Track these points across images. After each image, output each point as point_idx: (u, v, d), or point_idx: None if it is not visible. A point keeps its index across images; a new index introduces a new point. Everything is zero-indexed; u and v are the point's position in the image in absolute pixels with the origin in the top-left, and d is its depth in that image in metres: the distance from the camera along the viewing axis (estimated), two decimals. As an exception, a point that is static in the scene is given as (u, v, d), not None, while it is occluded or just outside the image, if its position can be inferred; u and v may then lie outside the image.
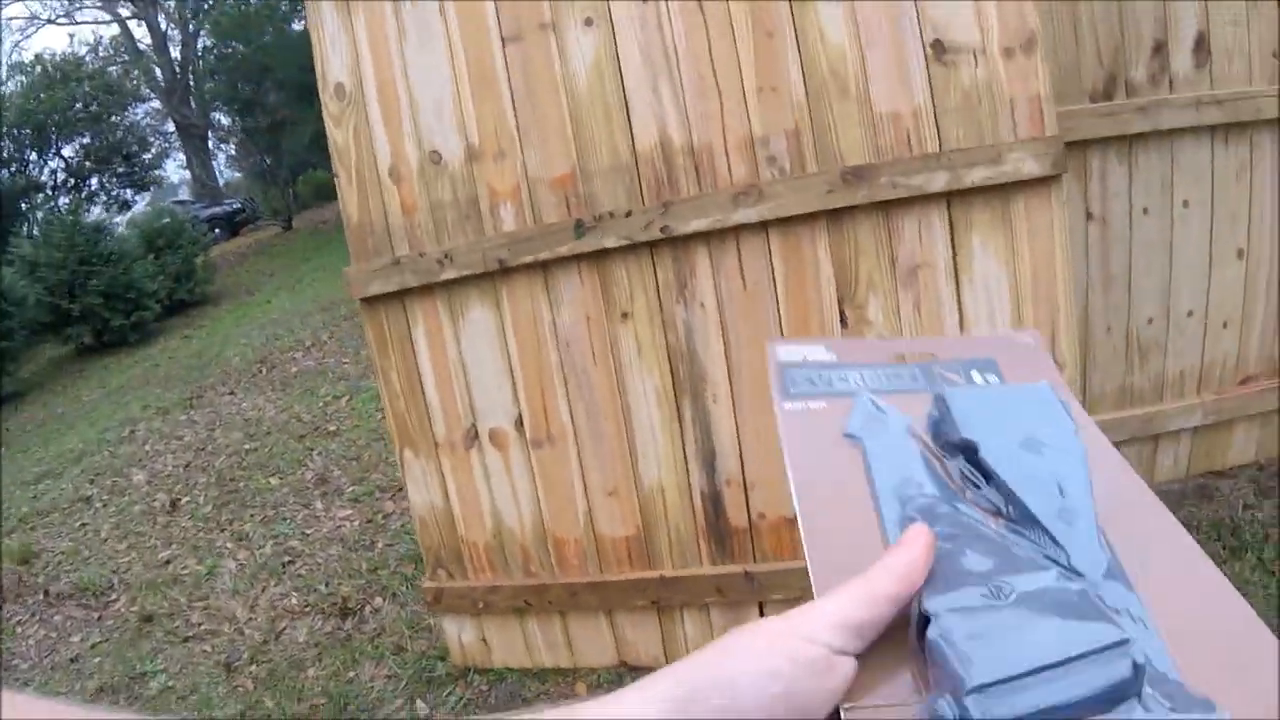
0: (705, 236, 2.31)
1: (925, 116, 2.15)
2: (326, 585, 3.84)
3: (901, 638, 0.42)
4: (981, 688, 0.36)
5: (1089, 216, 2.95)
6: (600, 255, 2.36)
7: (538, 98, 2.38)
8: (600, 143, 2.34)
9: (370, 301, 2.60)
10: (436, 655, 3.09)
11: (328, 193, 20.11)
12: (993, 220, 2.18)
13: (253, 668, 3.41)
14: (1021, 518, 0.47)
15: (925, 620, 0.41)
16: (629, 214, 2.30)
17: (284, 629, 3.65)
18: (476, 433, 2.60)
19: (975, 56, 2.11)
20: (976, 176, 2.12)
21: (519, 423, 2.55)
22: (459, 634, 2.89)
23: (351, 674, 3.16)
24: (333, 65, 2.59)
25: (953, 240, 2.20)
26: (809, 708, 0.38)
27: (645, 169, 2.32)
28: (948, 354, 0.62)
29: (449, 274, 2.46)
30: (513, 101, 2.40)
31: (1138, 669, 0.38)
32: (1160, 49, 2.87)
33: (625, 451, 2.49)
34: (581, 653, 2.77)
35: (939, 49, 2.12)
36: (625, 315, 2.43)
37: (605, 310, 2.42)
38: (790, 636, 0.40)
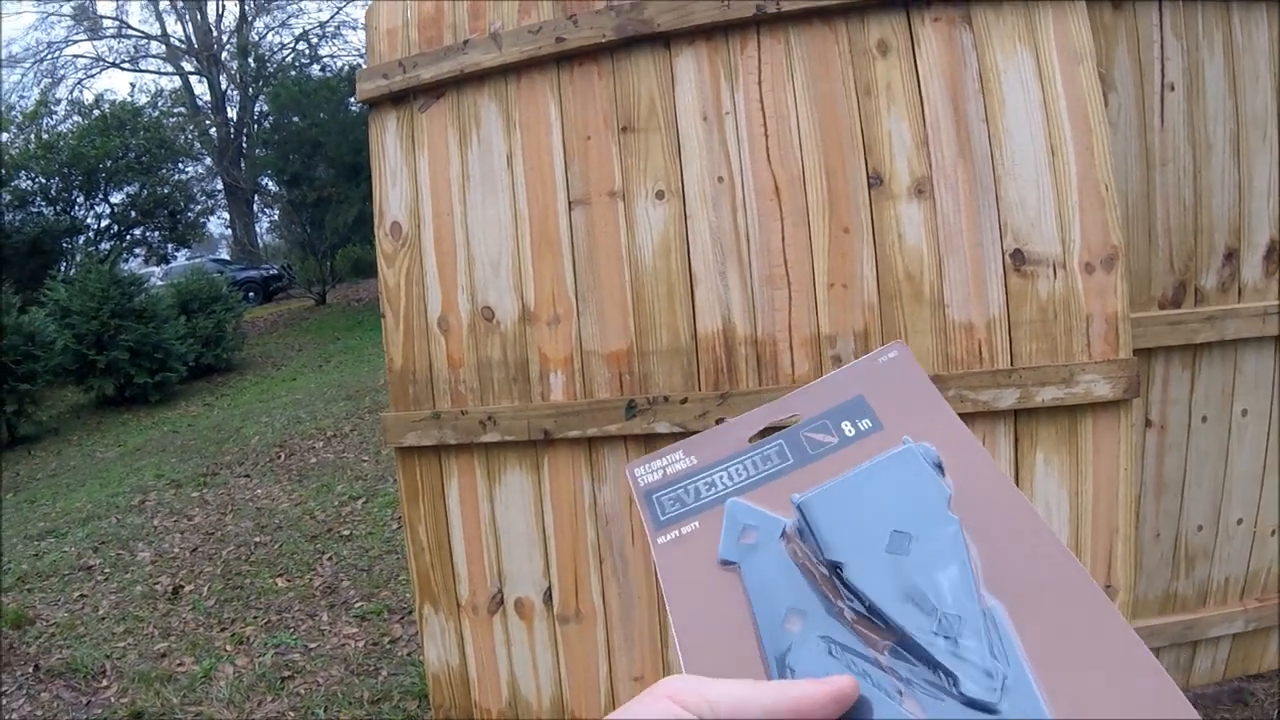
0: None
1: (999, 329, 2.08)
2: (325, 710, 3.70)
3: None
4: None
5: (1148, 424, 2.87)
6: (650, 436, 2.28)
7: (599, 267, 2.32)
8: (661, 322, 2.28)
9: (405, 450, 2.52)
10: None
11: (364, 269, 20.45)
12: (1058, 438, 2.09)
13: (239, 798, 3.27)
14: (902, 643, 0.44)
15: None
16: (684, 400, 2.23)
17: (276, 755, 3.51)
18: (502, 599, 2.49)
19: (1055, 269, 2.05)
20: (1046, 396, 2.04)
21: (547, 596, 2.44)
22: (460, 798, 2.74)
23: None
24: (391, 201, 2.55)
25: (1016, 456, 2.11)
26: None
27: (705, 355, 2.25)
28: (813, 407, 0.59)
29: (490, 437, 2.39)
30: (573, 267, 2.35)
31: None
32: (1232, 256, 2.81)
33: (656, 639, 2.37)
34: (588, 835, 2.62)
35: (1018, 259, 2.06)
36: (670, 500, 2.32)
37: (649, 493, 2.31)
38: (662, 699, 0.41)
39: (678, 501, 0.57)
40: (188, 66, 28.04)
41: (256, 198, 26.06)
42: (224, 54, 27.27)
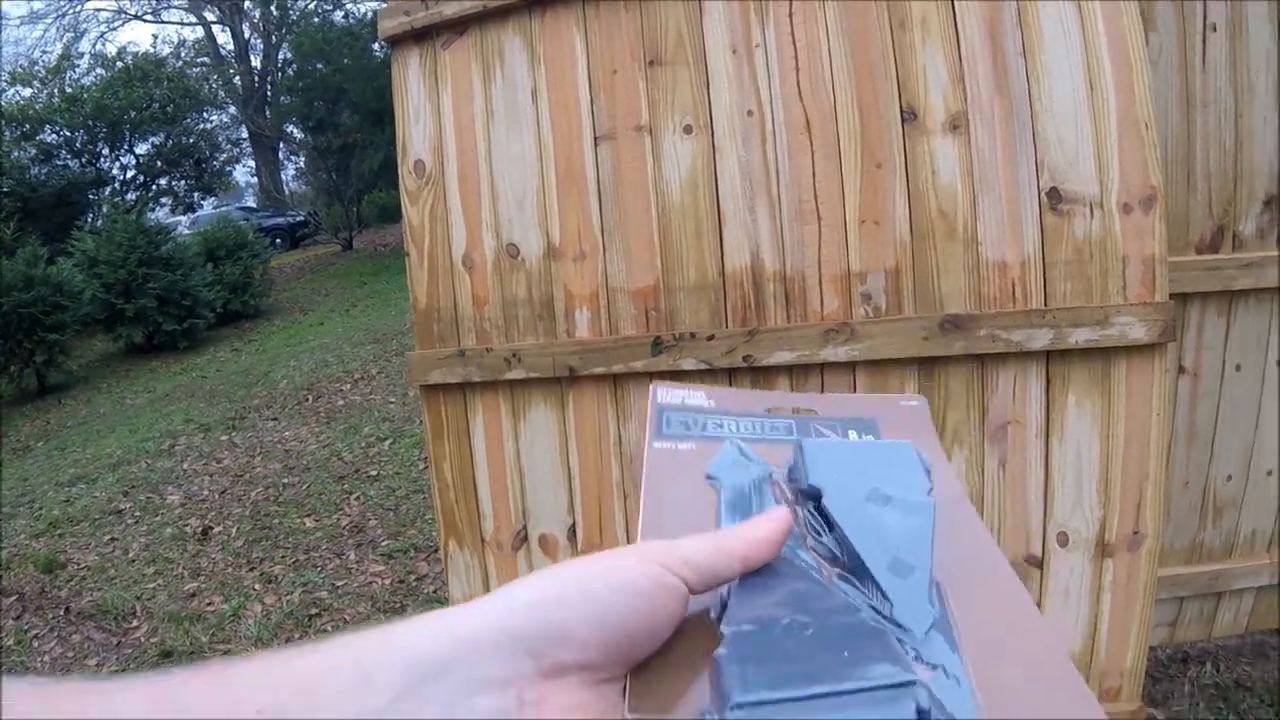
0: (788, 369, 2.20)
1: (1033, 268, 2.03)
2: (350, 648, 3.74)
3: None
4: (744, 705, 0.36)
5: (1181, 370, 2.83)
6: (676, 373, 2.26)
7: (626, 203, 2.29)
8: (688, 258, 2.25)
9: (430, 388, 2.52)
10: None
11: (390, 214, 20.48)
12: (1091, 380, 2.05)
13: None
14: (855, 568, 0.47)
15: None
16: (711, 338, 2.20)
17: (303, 691, 3.55)
18: (526, 535, 2.49)
19: (1091, 209, 2.00)
20: (1080, 337, 2.00)
21: (571, 532, 2.44)
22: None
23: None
24: (414, 140, 2.52)
25: (1048, 398, 2.08)
26: (657, 629, 0.42)
27: (733, 291, 2.22)
28: (830, 410, 0.63)
29: (515, 374, 2.38)
30: (600, 204, 2.32)
31: (921, 713, 0.36)
32: (1271, 203, 2.75)
33: (679, 577, 2.37)
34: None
35: (1055, 197, 2.01)
36: (695, 439, 2.30)
37: (675, 431, 2.30)
38: (652, 563, 0.42)
39: (684, 425, 0.60)
40: (210, 16, 27.91)
41: (282, 145, 26.03)
42: (246, 2, 27.11)
